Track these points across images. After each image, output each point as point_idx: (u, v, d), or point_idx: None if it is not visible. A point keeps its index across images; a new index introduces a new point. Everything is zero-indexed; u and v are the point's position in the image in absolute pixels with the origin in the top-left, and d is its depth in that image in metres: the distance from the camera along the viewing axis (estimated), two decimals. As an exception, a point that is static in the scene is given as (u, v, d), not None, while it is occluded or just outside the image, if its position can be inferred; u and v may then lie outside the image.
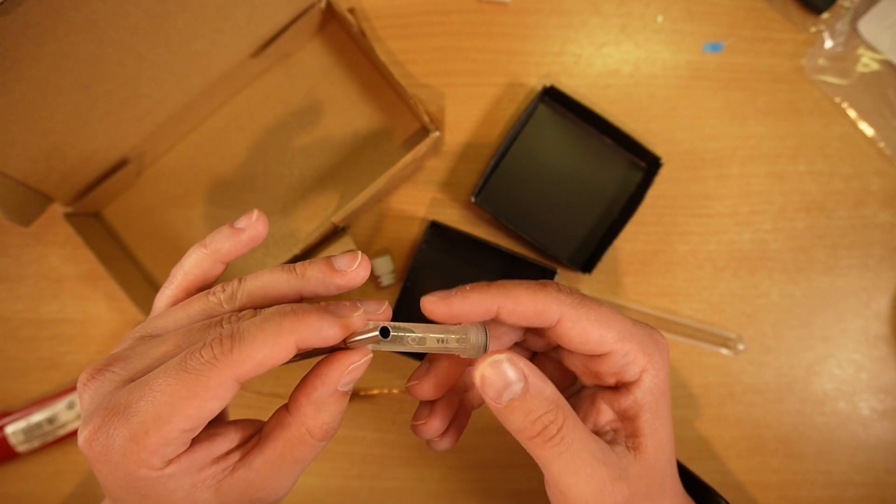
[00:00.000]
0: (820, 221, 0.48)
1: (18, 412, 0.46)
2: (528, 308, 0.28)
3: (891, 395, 0.47)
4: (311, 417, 0.25)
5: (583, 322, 0.27)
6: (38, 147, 0.41)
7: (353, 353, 0.26)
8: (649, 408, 0.28)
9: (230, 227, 0.30)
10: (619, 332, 0.28)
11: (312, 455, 0.26)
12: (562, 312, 0.28)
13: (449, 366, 0.30)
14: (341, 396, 0.26)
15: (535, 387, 0.26)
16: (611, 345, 0.28)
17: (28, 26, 0.34)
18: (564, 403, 0.26)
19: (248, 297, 0.27)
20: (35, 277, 0.48)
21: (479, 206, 0.45)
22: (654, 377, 0.28)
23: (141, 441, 0.22)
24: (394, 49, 0.49)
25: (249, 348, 0.23)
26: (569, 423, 0.26)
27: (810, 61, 0.49)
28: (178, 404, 0.22)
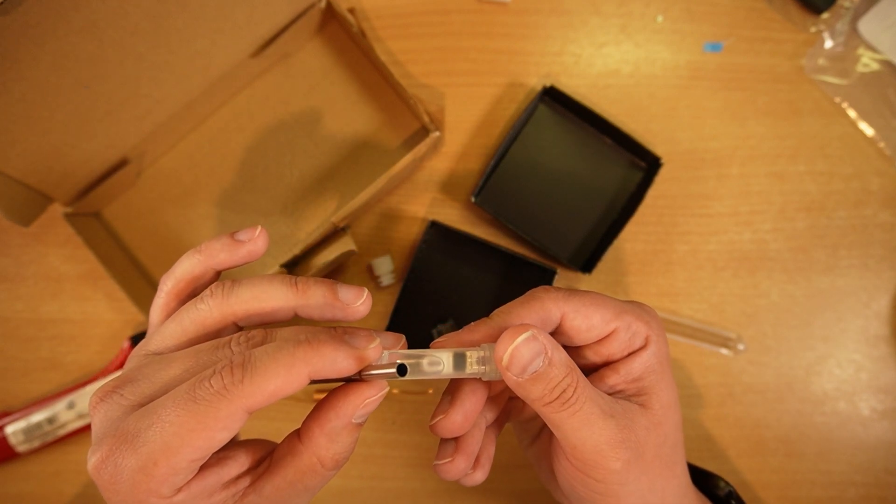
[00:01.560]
0: (820, 221, 0.48)
1: (18, 412, 0.46)
2: (533, 319, 0.28)
3: (891, 395, 0.47)
4: (324, 448, 0.25)
5: (582, 310, 0.29)
6: (38, 147, 0.41)
7: (369, 386, 0.25)
8: (654, 369, 0.30)
9: (230, 238, 0.29)
10: (615, 310, 0.29)
11: (322, 483, 0.26)
12: (561, 309, 0.29)
13: (471, 392, 0.29)
14: (355, 428, 0.26)
15: (555, 356, 0.27)
16: (614, 322, 0.29)
17: (28, 26, 0.34)
18: (575, 366, 0.27)
19: (241, 305, 0.26)
20: (35, 277, 0.48)
21: (479, 206, 0.45)
22: (657, 342, 0.30)
23: (150, 471, 0.22)
24: (394, 49, 0.49)
25: (261, 379, 0.22)
26: (581, 384, 0.27)
27: (810, 61, 0.49)
28: (186, 435, 0.22)
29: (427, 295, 0.47)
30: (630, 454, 0.28)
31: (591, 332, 0.29)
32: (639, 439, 0.28)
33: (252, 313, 0.26)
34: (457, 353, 0.27)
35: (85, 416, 0.46)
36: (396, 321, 0.46)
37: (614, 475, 0.28)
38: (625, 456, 0.28)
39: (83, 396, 0.46)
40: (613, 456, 0.27)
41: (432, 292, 0.47)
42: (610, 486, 0.28)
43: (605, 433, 0.27)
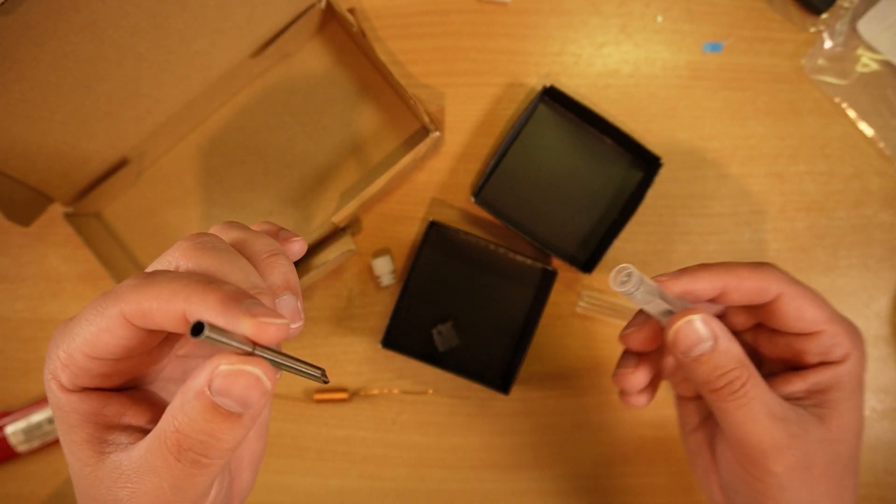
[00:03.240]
0: (820, 221, 0.48)
1: (18, 412, 0.46)
2: (752, 285, 0.29)
3: (891, 395, 0.47)
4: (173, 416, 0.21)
5: (799, 300, 0.29)
6: (38, 147, 0.41)
7: (241, 357, 0.20)
8: (845, 387, 0.30)
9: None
10: (829, 315, 0.30)
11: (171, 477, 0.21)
12: (781, 289, 0.29)
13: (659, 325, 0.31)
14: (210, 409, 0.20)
15: (724, 345, 0.28)
16: (823, 325, 0.30)
17: (28, 26, 0.34)
18: (750, 364, 0.28)
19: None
20: (35, 277, 0.48)
21: (479, 205, 0.45)
22: (856, 363, 0.30)
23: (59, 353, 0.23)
24: (394, 49, 0.49)
25: (145, 293, 0.21)
26: (752, 381, 0.28)
27: (810, 61, 0.49)
28: (84, 327, 0.22)
29: (427, 295, 0.47)
30: (794, 462, 0.28)
31: (797, 323, 0.30)
32: (808, 450, 0.28)
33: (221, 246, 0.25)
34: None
35: (85, 416, 0.46)
36: (396, 321, 0.46)
37: (774, 478, 0.28)
38: (788, 462, 0.28)
39: (83, 396, 0.46)
40: (776, 459, 0.28)
41: (432, 292, 0.47)
42: (769, 487, 0.29)
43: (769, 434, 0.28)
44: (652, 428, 0.47)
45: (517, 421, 0.47)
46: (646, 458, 0.47)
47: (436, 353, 0.46)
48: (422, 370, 0.47)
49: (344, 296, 0.48)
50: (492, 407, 0.47)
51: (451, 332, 0.46)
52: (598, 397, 0.47)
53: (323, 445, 0.47)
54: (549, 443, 0.47)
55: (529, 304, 0.47)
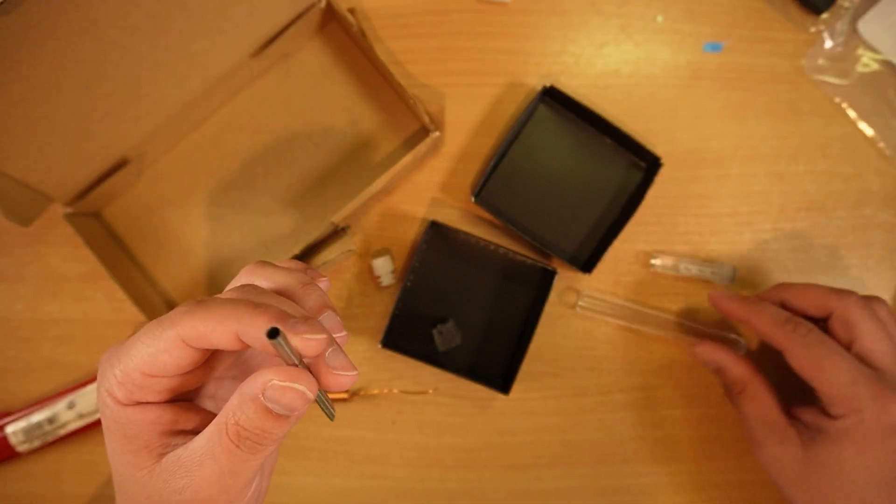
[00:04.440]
0: (820, 221, 0.48)
1: (18, 412, 0.46)
2: (765, 334, 0.40)
3: (891, 395, 0.47)
4: (232, 410, 0.24)
5: (799, 360, 0.37)
6: (38, 147, 0.41)
7: (290, 370, 0.23)
8: (831, 440, 0.36)
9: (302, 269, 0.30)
10: (829, 381, 0.36)
11: (229, 463, 0.24)
12: (786, 346, 0.38)
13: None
14: (263, 411, 0.23)
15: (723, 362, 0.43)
16: (819, 385, 0.36)
17: (28, 26, 0.34)
18: (747, 380, 0.41)
19: (260, 273, 0.28)
20: (35, 277, 0.48)
21: (479, 205, 0.45)
22: (847, 425, 0.35)
23: (116, 372, 0.25)
24: (394, 49, 0.49)
25: (199, 317, 0.24)
26: (745, 392, 0.41)
27: (810, 61, 0.49)
28: (141, 348, 0.25)
29: (427, 295, 0.47)
30: (769, 460, 0.40)
31: (800, 376, 0.38)
32: (782, 458, 0.39)
33: (261, 285, 0.27)
34: None
35: (85, 416, 0.46)
36: (396, 321, 0.46)
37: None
38: (763, 458, 0.40)
39: (83, 396, 0.46)
40: (757, 453, 0.40)
41: (432, 292, 0.47)
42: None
43: (755, 433, 0.40)
44: (652, 428, 0.47)
45: (517, 421, 0.47)
46: (646, 458, 0.47)
47: (436, 353, 0.46)
48: (422, 370, 0.47)
49: (344, 296, 0.48)
50: (492, 407, 0.47)
51: (451, 332, 0.46)
52: (598, 397, 0.47)
53: (323, 445, 0.47)
54: (549, 443, 0.47)
55: (529, 304, 0.47)
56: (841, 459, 0.36)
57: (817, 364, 0.36)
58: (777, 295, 0.42)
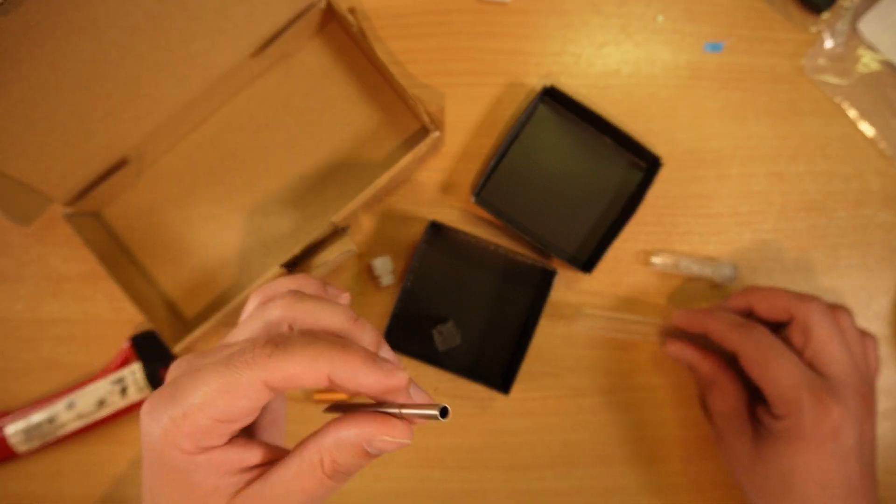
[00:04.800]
0: (820, 221, 0.48)
1: (18, 412, 0.46)
2: (718, 338, 0.41)
3: (891, 396, 0.47)
4: (328, 449, 0.25)
5: (749, 363, 0.38)
6: (38, 147, 0.41)
7: (395, 425, 0.25)
8: (775, 441, 0.38)
9: (324, 289, 0.32)
10: (771, 381, 0.37)
11: (320, 491, 0.25)
12: (737, 349, 0.39)
13: None
14: (363, 453, 0.25)
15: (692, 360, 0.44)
16: (764, 386, 0.38)
17: (28, 26, 0.34)
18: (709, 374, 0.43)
19: (302, 315, 0.27)
20: (35, 277, 0.48)
21: (479, 205, 0.45)
22: (788, 425, 0.37)
23: (178, 423, 0.24)
24: (394, 49, 0.49)
25: (285, 360, 0.24)
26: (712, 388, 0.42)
27: (810, 61, 0.49)
28: (213, 395, 0.24)
29: (427, 295, 0.47)
30: (728, 450, 0.41)
31: (750, 377, 0.39)
32: (737, 449, 0.40)
33: (308, 324, 0.27)
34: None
35: (84, 417, 0.46)
36: (396, 321, 0.46)
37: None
38: (724, 451, 0.42)
39: (83, 396, 0.46)
40: (717, 444, 0.42)
41: (432, 292, 0.47)
42: None
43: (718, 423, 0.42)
44: (652, 428, 0.47)
45: (517, 421, 0.47)
46: (646, 458, 0.47)
47: (436, 353, 0.46)
48: (422, 370, 0.47)
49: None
50: (492, 407, 0.47)
51: (451, 332, 0.46)
52: (598, 397, 0.47)
53: (323, 445, 0.47)
54: (549, 443, 0.47)
55: (529, 304, 0.47)
56: (780, 458, 0.37)
57: (764, 364, 0.37)
58: (744, 299, 0.42)
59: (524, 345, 0.45)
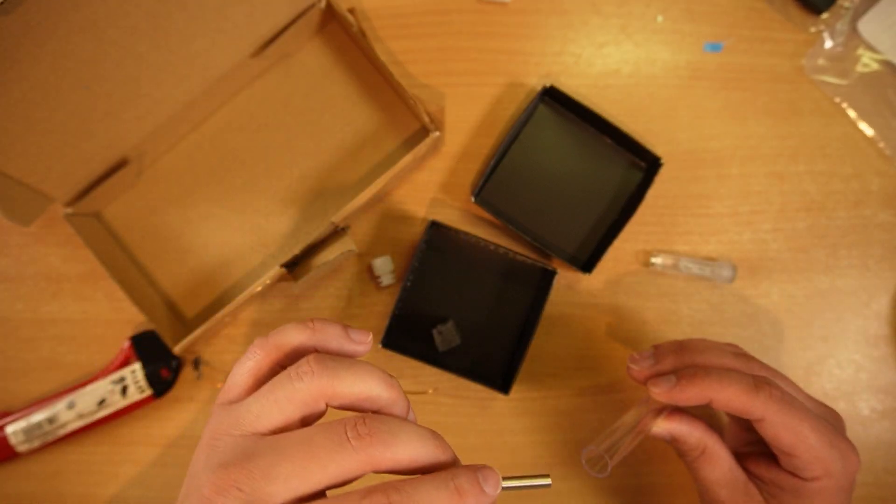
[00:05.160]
0: (820, 221, 0.48)
1: (18, 412, 0.46)
2: (737, 407, 0.34)
3: (891, 395, 0.47)
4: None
5: (778, 429, 0.33)
6: (38, 147, 0.41)
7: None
8: (802, 500, 0.34)
9: (345, 332, 0.29)
10: (807, 446, 0.33)
11: None
12: (764, 416, 0.33)
13: None
14: None
15: (681, 432, 0.37)
16: (798, 451, 0.34)
17: (28, 26, 0.34)
18: (704, 444, 0.37)
19: (341, 392, 0.26)
20: (35, 277, 0.48)
21: (479, 205, 0.45)
22: (821, 486, 0.34)
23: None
24: (394, 49, 0.49)
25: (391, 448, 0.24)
26: (702, 459, 0.37)
27: (810, 61, 0.49)
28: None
29: (427, 295, 0.47)
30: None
31: (774, 443, 0.34)
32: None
33: (349, 402, 0.27)
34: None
35: (85, 416, 0.46)
36: (396, 321, 0.46)
37: None
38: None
39: (83, 396, 0.46)
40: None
41: (432, 292, 0.47)
42: None
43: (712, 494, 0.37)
44: (652, 428, 0.47)
45: (517, 421, 0.47)
46: (646, 458, 0.47)
47: (436, 353, 0.46)
48: (422, 370, 0.47)
49: (344, 296, 0.48)
50: (492, 407, 0.47)
51: (452, 332, 0.46)
52: (597, 397, 0.47)
53: (323, 445, 0.47)
54: (549, 443, 0.47)
55: (529, 304, 0.47)
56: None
57: (798, 429, 0.33)
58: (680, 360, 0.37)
59: (524, 345, 0.45)
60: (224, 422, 0.26)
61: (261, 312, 0.48)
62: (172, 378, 0.47)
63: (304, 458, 0.24)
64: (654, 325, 0.47)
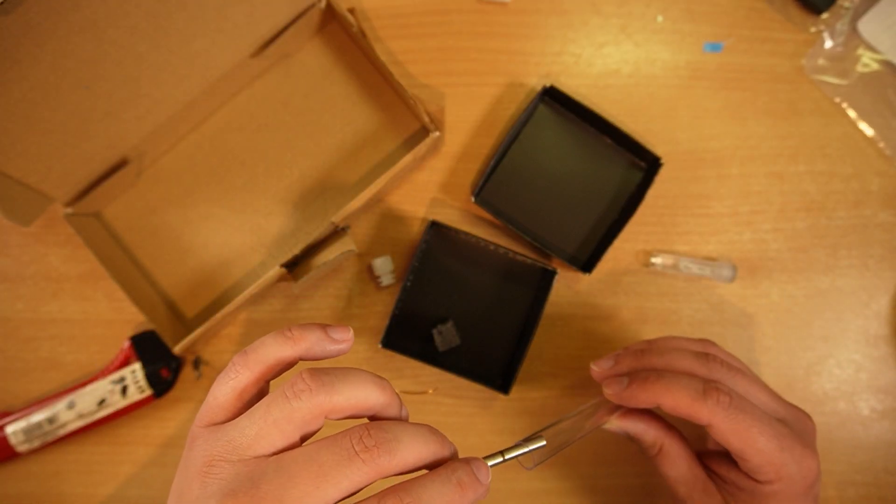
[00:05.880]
0: (820, 221, 0.48)
1: (18, 412, 0.46)
2: (683, 413, 0.34)
3: (891, 395, 0.47)
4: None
5: (726, 434, 0.33)
6: (38, 147, 0.41)
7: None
8: (758, 502, 0.35)
9: (325, 334, 0.28)
10: (756, 450, 0.33)
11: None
12: (711, 422, 0.33)
13: None
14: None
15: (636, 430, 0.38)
16: (749, 456, 0.34)
17: (28, 26, 0.34)
18: (661, 442, 0.37)
19: (338, 405, 0.26)
20: (35, 277, 0.48)
21: (479, 205, 0.45)
22: (775, 489, 0.34)
23: None
24: (394, 49, 0.49)
25: None
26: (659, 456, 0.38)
27: (810, 61, 0.49)
28: None
29: (427, 295, 0.47)
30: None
31: (725, 446, 0.34)
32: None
33: (348, 414, 0.27)
34: None
35: (85, 416, 0.46)
36: (396, 321, 0.46)
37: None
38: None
39: (83, 396, 0.46)
40: None
41: (432, 292, 0.47)
42: None
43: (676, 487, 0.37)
44: (652, 428, 0.47)
45: (517, 421, 0.47)
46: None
47: (436, 353, 0.46)
48: (422, 370, 0.47)
49: (344, 296, 0.48)
50: (492, 407, 0.47)
51: (451, 332, 0.46)
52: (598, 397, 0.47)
53: (323, 445, 0.47)
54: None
55: (529, 304, 0.47)
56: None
57: (745, 434, 0.33)
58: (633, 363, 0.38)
59: (524, 345, 0.45)
60: (215, 447, 0.25)
61: (261, 312, 0.48)
62: (172, 378, 0.47)
63: (315, 479, 0.23)
64: (654, 325, 0.47)
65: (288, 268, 0.45)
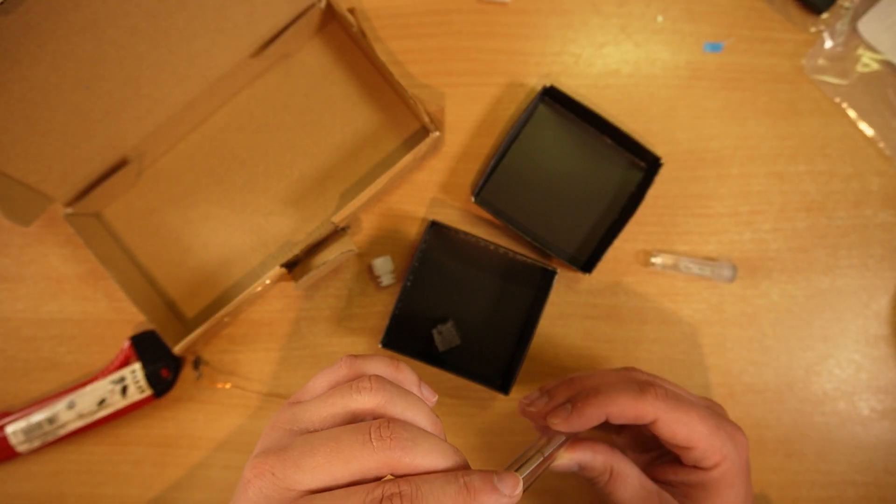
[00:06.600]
0: (820, 221, 0.48)
1: (18, 412, 0.46)
2: (630, 414, 0.35)
3: (891, 395, 0.47)
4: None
5: (672, 424, 0.35)
6: (38, 147, 0.41)
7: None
8: (712, 487, 0.35)
9: (418, 382, 0.32)
10: (702, 434, 0.34)
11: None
12: (656, 416, 0.34)
13: None
14: None
15: (585, 459, 0.37)
16: (694, 443, 0.35)
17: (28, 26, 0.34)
18: (609, 469, 0.37)
19: (394, 414, 0.28)
20: (35, 277, 0.48)
21: (479, 205, 0.45)
22: (728, 468, 0.35)
23: None
24: (394, 49, 0.49)
25: None
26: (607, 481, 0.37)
27: (810, 61, 0.49)
28: None
29: (427, 295, 0.47)
30: None
31: (671, 440, 0.35)
32: None
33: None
34: None
35: (85, 416, 0.46)
36: (396, 321, 0.46)
37: None
38: None
39: (83, 396, 0.46)
40: None
41: (432, 292, 0.47)
42: None
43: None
44: (652, 428, 0.47)
45: (517, 421, 0.47)
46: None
47: (436, 353, 0.46)
48: (422, 370, 0.47)
49: (344, 296, 0.48)
50: (492, 407, 0.47)
51: (451, 332, 0.46)
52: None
53: (323, 445, 0.47)
54: (549, 443, 0.47)
55: (529, 304, 0.47)
56: (727, 501, 0.36)
57: (687, 422, 0.34)
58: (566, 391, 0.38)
59: (524, 345, 0.45)
60: (283, 416, 0.29)
61: (261, 312, 0.48)
62: (172, 378, 0.47)
63: (330, 453, 0.26)
64: (654, 325, 0.47)
65: (288, 268, 0.45)
